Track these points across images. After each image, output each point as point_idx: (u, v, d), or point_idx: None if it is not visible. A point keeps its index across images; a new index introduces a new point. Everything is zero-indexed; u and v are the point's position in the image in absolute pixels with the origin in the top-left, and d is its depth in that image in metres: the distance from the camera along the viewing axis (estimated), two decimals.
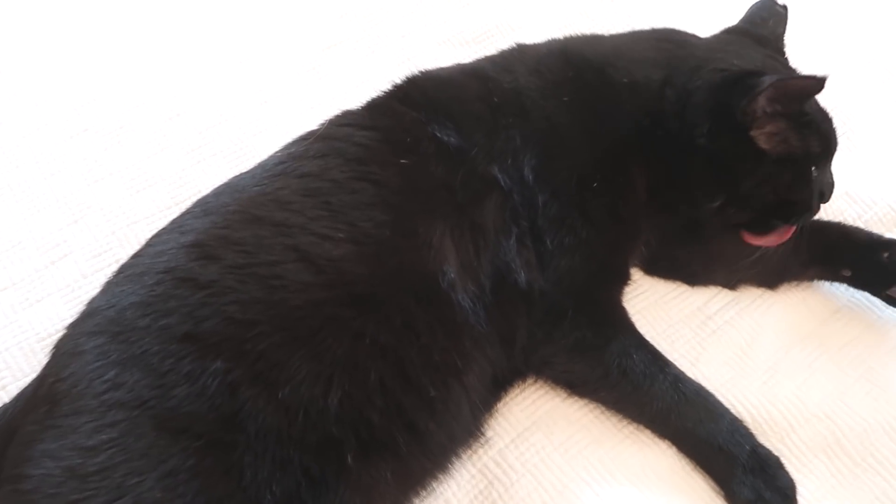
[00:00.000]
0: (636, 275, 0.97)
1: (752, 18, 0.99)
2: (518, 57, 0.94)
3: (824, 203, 0.93)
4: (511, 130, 0.86)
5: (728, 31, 0.99)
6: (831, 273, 0.99)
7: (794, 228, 0.90)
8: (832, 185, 0.93)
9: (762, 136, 0.85)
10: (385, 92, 0.92)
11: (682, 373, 0.85)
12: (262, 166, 0.86)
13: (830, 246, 0.97)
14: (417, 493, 0.79)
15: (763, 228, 0.90)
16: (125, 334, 0.70)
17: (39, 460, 0.66)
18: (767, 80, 0.82)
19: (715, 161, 0.86)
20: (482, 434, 0.84)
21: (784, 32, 0.99)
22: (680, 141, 0.86)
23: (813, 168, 0.88)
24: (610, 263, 0.87)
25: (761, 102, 0.83)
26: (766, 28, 0.97)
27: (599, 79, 0.89)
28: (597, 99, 0.89)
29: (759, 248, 0.92)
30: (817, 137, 0.88)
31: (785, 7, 1.00)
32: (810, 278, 1.00)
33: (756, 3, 1.01)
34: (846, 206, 1.08)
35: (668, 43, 0.93)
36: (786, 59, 0.97)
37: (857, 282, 0.97)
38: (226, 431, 0.67)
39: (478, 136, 0.85)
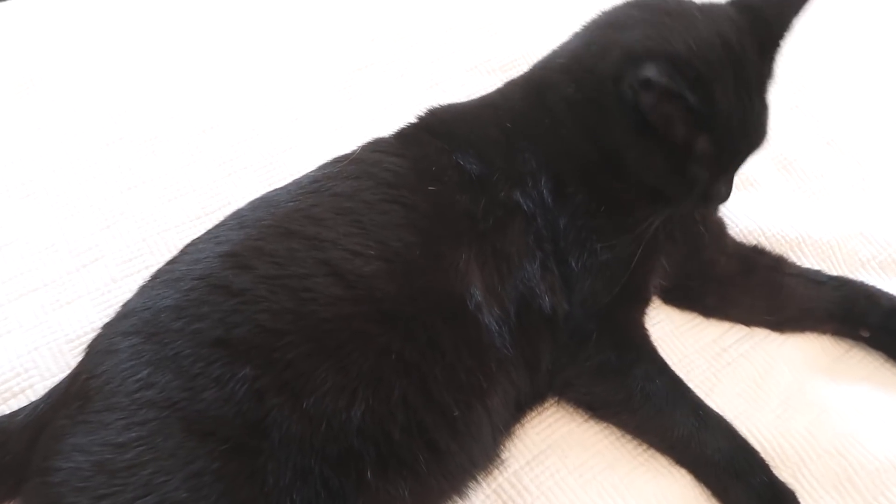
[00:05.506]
0: (652, 305, 0.97)
1: None
2: (514, 86, 0.96)
3: (709, 208, 0.92)
4: (526, 154, 0.87)
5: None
6: (849, 330, 0.97)
7: None
8: (725, 195, 0.88)
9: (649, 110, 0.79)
10: (412, 122, 0.95)
11: (702, 401, 0.86)
12: (297, 183, 0.88)
13: (853, 305, 0.96)
14: None
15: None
16: (159, 336, 0.72)
17: (69, 454, 0.68)
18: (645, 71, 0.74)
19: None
20: (500, 459, 0.84)
21: (793, 18, 0.86)
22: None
23: (694, 166, 0.82)
24: (631, 284, 0.87)
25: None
26: (770, 6, 0.85)
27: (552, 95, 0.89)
28: (564, 114, 0.88)
29: None
30: (712, 139, 0.80)
31: None
32: (825, 332, 0.99)
33: None
34: (860, 247, 1.08)
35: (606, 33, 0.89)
36: (772, 57, 0.86)
37: (875, 343, 0.96)
38: (251, 437, 0.69)
39: (498, 161, 0.87)
